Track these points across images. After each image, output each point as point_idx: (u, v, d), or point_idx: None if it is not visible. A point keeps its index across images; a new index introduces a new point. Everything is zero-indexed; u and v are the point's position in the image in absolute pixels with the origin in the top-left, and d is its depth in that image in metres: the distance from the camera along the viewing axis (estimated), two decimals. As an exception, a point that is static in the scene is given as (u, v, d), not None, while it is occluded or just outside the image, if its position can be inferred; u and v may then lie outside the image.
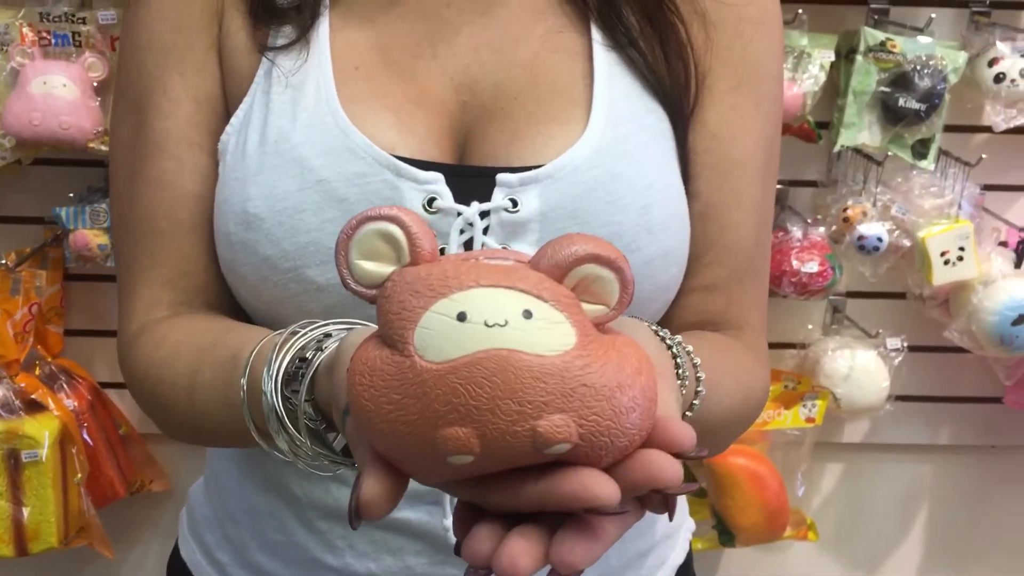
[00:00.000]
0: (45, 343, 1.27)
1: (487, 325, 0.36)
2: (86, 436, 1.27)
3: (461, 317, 0.36)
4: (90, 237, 1.20)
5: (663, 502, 0.39)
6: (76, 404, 1.26)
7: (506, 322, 0.36)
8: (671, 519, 0.39)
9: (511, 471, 0.37)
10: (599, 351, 0.37)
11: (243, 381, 0.52)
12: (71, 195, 1.24)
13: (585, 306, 0.38)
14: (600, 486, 0.36)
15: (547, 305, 0.37)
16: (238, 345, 0.56)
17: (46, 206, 1.24)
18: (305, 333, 0.50)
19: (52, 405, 1.23)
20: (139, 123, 0.67)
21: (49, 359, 1.27)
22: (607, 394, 0.36)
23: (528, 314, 0.36)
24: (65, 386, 1.27)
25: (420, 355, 0.36)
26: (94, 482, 1.28)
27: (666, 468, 0.37)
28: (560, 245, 0.38)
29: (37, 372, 1.26)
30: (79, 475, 1.24)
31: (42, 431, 1.20)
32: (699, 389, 0.53)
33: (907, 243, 1.29)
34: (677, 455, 0.38)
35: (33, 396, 1.22)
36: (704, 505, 1.38)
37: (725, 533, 1.38)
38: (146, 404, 0.67)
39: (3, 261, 1.24)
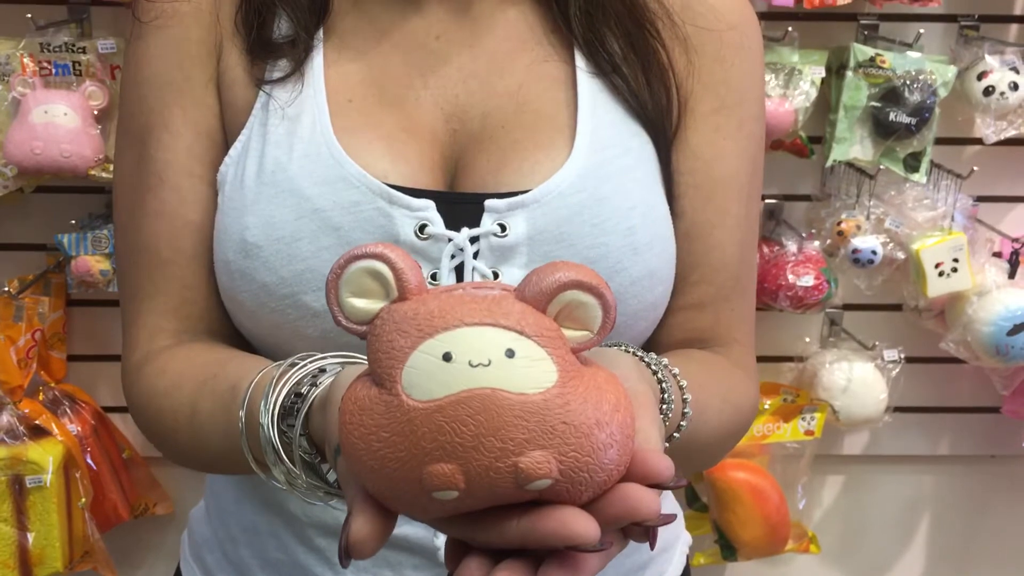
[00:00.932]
0: (48, 369, 1.28)
1: (471, 365, 0.37)
2: (90, 460, 1.28)
3: (447, 357, 0.37)
4: (92, 263, 1.21)
5: (644, 532, 0.40)
6: (79, 429, 1.27)
7: (489, 362, 0.37)
8: (652, 548, 0.40)
9: (495, 509, 0.39)
10: (579, 388, 0.38)
11: (241, 413, 0.53)
12: (72, 222, 1.25)
13: (569, 332, 0.40)
14: (580, 524, 0.37)
15: (529, 341, 0.38)
16: (237, 377, 0.57)
17: (48, 233, 1.25)
18: (301, 367, 0.51)
19: (56, 430, 1.24)
20: (141, 155, 0.68)
21: (52, 384, 1.28)
22: (586, 431, 0.37)
23: (511, 353, 0.37)
24: (68, 411, 1.28)
25: (407, 394, 0.37)
26: (98, 506, 1.28)
27: (644, 501, 0.38)
28: (544, 273, 0.40)
29: (40, 398, 1.27)
30: (83, 499, 1.24)
31: (46, 456, 1.21)
32: (686, 411, 0.54)
33: (901, 255, 1.30)
34: (656, 486, 0.39)
35: (37, 422, 1.23)
36: (705, 519, 1.39)
37: (727, 547, 1.38)
38: (149, 432, 0.68)
39: (6, 288, 1.25)
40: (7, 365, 1.21)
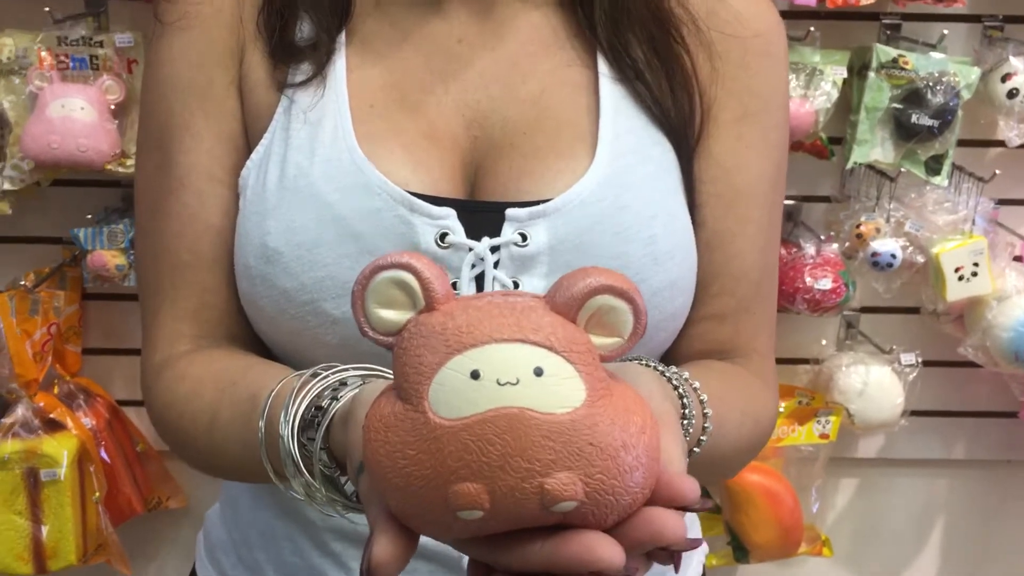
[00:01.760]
0: (63, 362, 1.29)
1: (499, 383, 0.36)
2: (104, 454, 1.28)
3: (475, 375, 0.37)
4: (108, 257, 1.21)
5: (669, 555, 0.39)
6: (94, 422, 1.27)
7: (518, 380, 0.36)
8: (676, 570, 0.40)
9: (519, 532, 0.38)
10: (607, 409, 0.38)
11: (261, 424, 0.53)
12: (89, 216, 1.25)
13: (599, 339, 0.39)
14: (604, 549, 0.36)
15: (559, 358, 0.37)
16: (257, 386, 0.57)
17: (64, 227, 1.25)
18: (322, 378, 0.51)
19: (70, 424, 1.24)
20: (162, 159, 0.68)
21: (67, 378, 1.29)
22: (612, 453, 0.37)
23: (539, 371, 0.37)
24: (83, 404, 1.28)
25: (434, 411, 0.37)
26: (112, 499, 1.29)
27: (669, 525, 0.38)
28: (574, 279, 0.39)
29: (56, 391, 1.27)
30: (97, 493, 1.25)
31: (61, 450, 1.21)
32: (706, 425, 0.54)
33: (921, 259, 1.29)
34: (683, 508, 0.39)
35: (52, 415, 1.23)
36: (718, 521, 1.38)
37: (739, 549, 1.38)
38: (168, 438, 0.68)
39: (22, 282, 1.25)
40: (23, 358, 1.21)
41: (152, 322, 0.69)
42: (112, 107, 1.18)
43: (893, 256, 1.27)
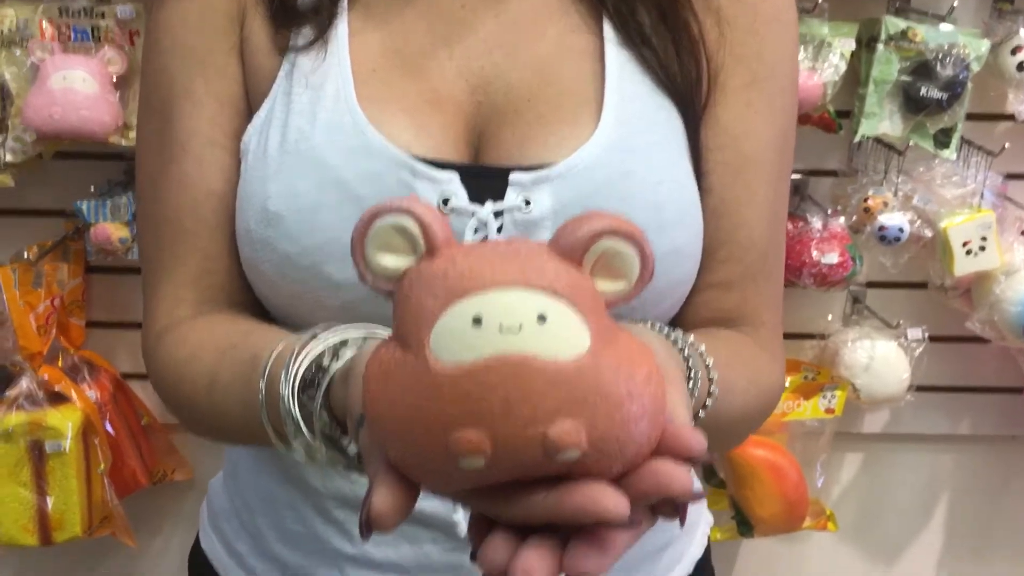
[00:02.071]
0: (67, 335, 1.29)
1: (502, 330, 0.36)
2: (108, 427, 1.28)
3: (476, 321, 0.36)
4: (111, 230, 1.21)
5: (675, 509, 0.39)
6: (98, 395, 1.28)
7: (520, 326, 0.36)
8: (682, 525, 0.39)
9: (521, 484, 0.38)
10: (611, 357, 0.37)
11: (262, 384, 0.53)
12: (92, 189, 1.25)
13: (605, 285, 0.39)
14: (609, 499, 0.36)
15: (563, 304, 0.37)
16: (257, 347, 0.57)
17: (67, 200, 1.25)
18: (323, 338, 0.50)
19: (75, 396, 1.24)
20: (163, 125, 0.68)
21: (71, 351, 1.29)
22: (617, 402, 0.36)
23: (543, 317, 0.36)
24: (88, 377, 1.28)
25: (435, 358, 0.36)
26: (117, 472, 1.29)
27: (676, 477, 0.37)
28: (579, 223, 0.38)
29: (60, 364, 1.27)
30: (102, 465, 1.25)
31: (65, 422, 1.21)
32: (712, 390, 0.53)
33: (928, 233, 1.28)
34: (688, 461, 0.38)
35: (56, 388, 1.24)
36: (723, 496, 1.38)
37: (744, 524, 1.38)
38: (169, 402, 0.68)
39: (25, 255, 1.25)
40: (27, 331, 1.21)
41: (153, 289, 0.68)
42: (114, 79, 1.17)
43: (900, 230, 1.26)
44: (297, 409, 0.49)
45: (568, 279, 0.37)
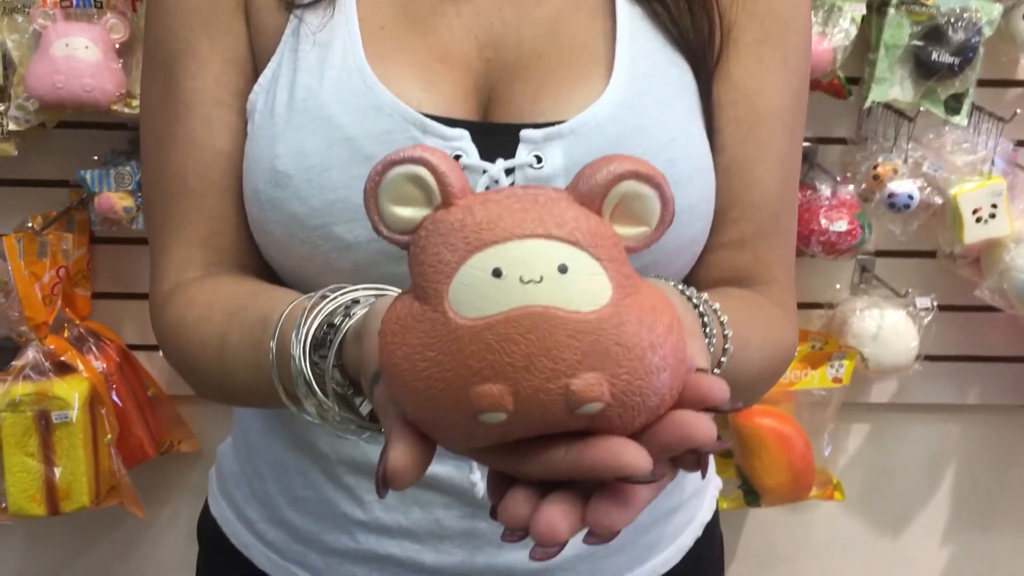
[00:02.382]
0: (73, 306, 1.28)
1: (523, 281, 0.35)
2: (115, 397, 1.28)
3: (496, 273, 0.35)
4: (115, 200, 1.20)
5: (696, 461, 0.39)
6: (105, 366, 1.27)
7: (541, 278, 0.35)
8: (703, 477, 0.39)
9: (541, 439, 0.37)
10: (633, 307, 0.36)
11: (272, 344, 0.52)
12: (95, 158, 1.24)
13: (625, 230, 0.38)
14: (631, 454, 0.35)
15: (583, 254, 0.36)
16: (267, 308, 0.56)
17: (71, 169, 1.24)
18: (333, 298, 0.50)
19: (81, 367, 1.24)
20: (168, 85, 0.67)
21: (77, 322, 1.28)
22: (639, 353, 0.36)
23: (564, 268, 0.35)
24: (94, 348, 1.28)
25: (455, 311, 0.36)
26: (124, 443, 1.29)
27: (699, 427, 0.36)
28: (597, 166, 0.38)
29: (66, 334, 1.26)
30: (109, 435, 1.25)
31: (72, 392, 1.21)
32: (727, 347, 0.53)
33: (938, 200, 1.27)
34: (712, 410, 0.38)
35: (62, 358, 1.23)
36: (730, 465, 1.38)
37: (751, 493, 1.38)
38: (177, 364, 0.67)
39: (29, 224, 1.24)
40: (32, 301, 1.21)
41: (161, 251, 0.68)
42: (117, 46, 1.16)
43: (910, 197, 1.25)
44: (309, 369, 0.49)
45: (589, 227, 0.37)
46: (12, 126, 1.18)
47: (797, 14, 0.68)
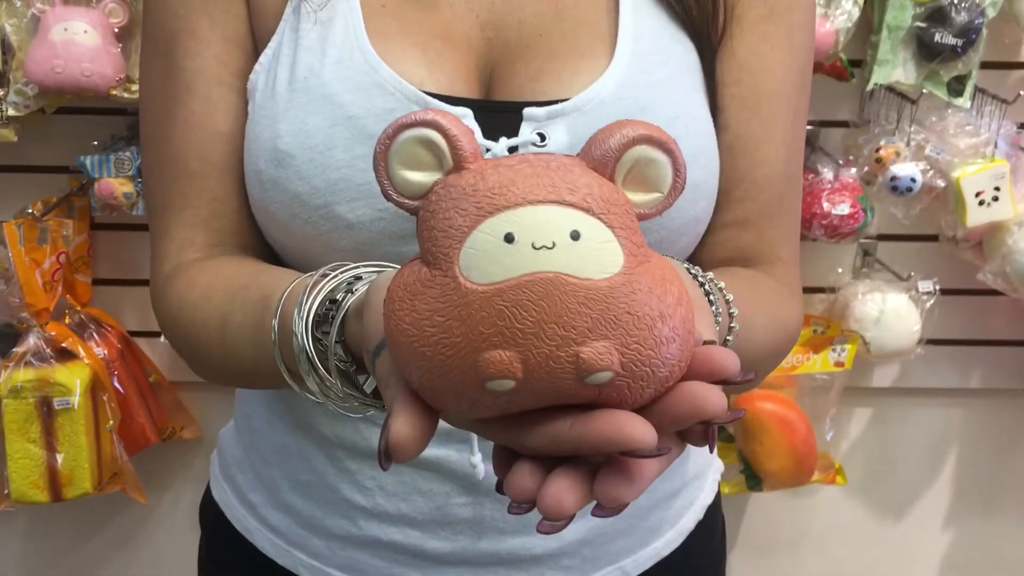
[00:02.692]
0: (74, 292, 1.28)
1: (535, 248, 0.35)
2: (117, 384, 1.28)
3: (508, 238, 0.35)
4: (115, 185, 1.20)
5: (704, 434, 0.38)
6: (106, 352, 1.27)
7: (553, 244, 0.35)
8: (712, 450, 0.38)
9: (546, 413, 0.37)
10: (643, 277, 0.36)
11: (274, 322, 0.52)
12: (95, 144, 1.24)
13: (638, 196, 0.38)
14: (637, 428, 0.35)
15: (595, 221, 0.36)
16: (269, 287, 0.56)
17: (71, 155, 1.24)
18: (336, 275, 0.50)
19: (82, 353, 1.24)
20: (168, 66, 0.66)
21: (78, 308, 1.28)
22: (649, 323, 0.35)
23: (576, 235, 0.35)
24: (95, 334, 1.28)
25: (465, 276, 0.35)
26: (126, 429, 1.29)
27: (710, 399, 0.36)
28: (609, 131, 0.37)
29: (67, 321, 1.26)
30: (111, 422, 1.25)
31: (73, 379, 1.21)
32: (732, 325, 0.53)
33: (941, 183, 1.26)
34: (723, 382, 0.38)
35: (63, 344, 1.23)
36: (732, 449, 1.38)
37: (753, 477, 1.38)
38: (179, 345, 0.67)
39: (30, 210, 1.24)
40: (33, 287, 1.21)
41: (161, 232, 0.67)
42: (115, 30, 1.16)
43: (913, 180, 1.24)
44: (311, 345, 0.49)
45: (601, 193, 0.36)
46: (11, 111, 1.17)
47: None
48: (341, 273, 0.50)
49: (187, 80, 0.65)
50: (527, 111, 0.61)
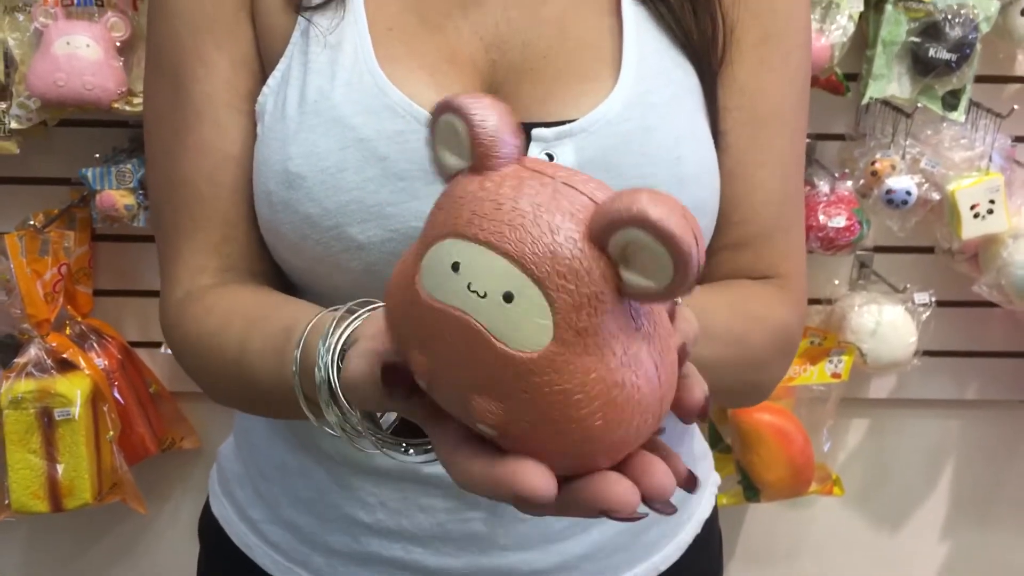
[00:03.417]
0: (75, 303, 1.28)
1: (469, 288, 0.35)
2: (117, 394, 1.28)
3: (454, 267, 0.35)
4: (116, 197, 1.20)
5: (667, 505, 0.38)
6: (107, 363, 1.28)
7: (485, 295, 0.35)
8: (693, 492, 0.39)
9: (471, 439, 0.39)
10: (562, 369, 0.34)
11: (297, 353, 0.52)
12: (97, 156, 1.24)
13: (633, 277, 0.34)
14: (530, 479, 0.35)
15: (537, 291, 0.34)
16: (291, 319, 0.56)
17: (72, 168, 1.24)
18: (363, 312, 0.50)
19: (83, 364, 1.24)
20: (175, 91, 0.67)
21: (79, 319, 1.29)
22: (548, 415, 0.35)
23: (508, 297, 0.34)
24: (95, 345, 1.28)
25: (421, 279, 0.37)
26: (126, 439, 1.29)
27: (613, 497, 0.36)
28: (618, 200, 0.33)
29: (68, 332, 1.27)
30: (111, 432, 1.26)
31: (74, 389, 1.22)
32: None
33: (936, 196, 1.27)
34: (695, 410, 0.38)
35: (64, 355, 1.24)
36: (729, 460, 1.39)
37: (750, 488, 1.38)
38: (195, 372, 0.67)
39: (31, 222, 1.25)
40: (34, 298, 1.21)
41: (173, 257, 0.68)
42: (118, 44, 1.16)
43: (908, 193, 1.25)
44: (335, 377, 0.48)
45: (569, 265, 0.34)
46: (14, 124, 1.18)
47: (797, 13, 0.68)
48: (370, 310, 0.50)
49: (196, 105, 0.66)
50: (536, 132, 0.62)
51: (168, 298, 0.68)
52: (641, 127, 0.62)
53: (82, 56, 1.14)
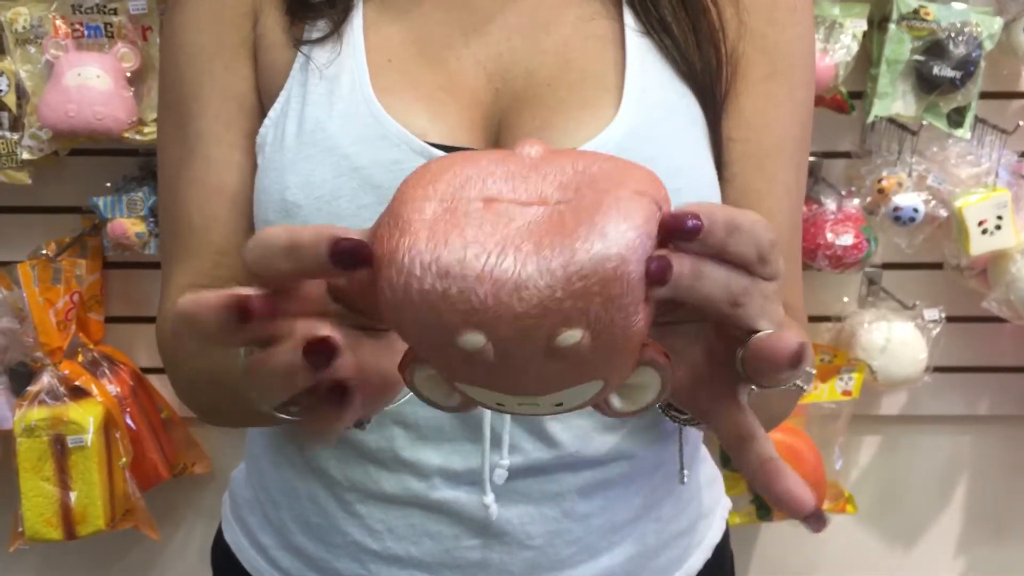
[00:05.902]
0: (87, 330, 1.30)
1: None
2: (129, 421, 1.29)
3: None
4: (127, 225, 1.22)
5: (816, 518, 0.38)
6: (118, 390, 1.29)
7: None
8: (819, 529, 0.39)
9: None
10: None
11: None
12: (108, 185, 1.26)
13: (616, 400, 0.37)
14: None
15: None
16: None
17: (84, 196, 1.26)
18: None
19: (95, 391, 1.25)
20: (178, 126, 0.69)
21: (91, 346, 1.30)
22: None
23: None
24: (107, 372, 1.29)
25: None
26: (138, 465, 1.30)
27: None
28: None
29: (80, 359, 1.28)
30: (124, 459, 1.26)
31: (86, 416, 1.22)
32: None
33: (944, 213, 1.27)
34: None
35: (77, 383, 1.25)
36: (741, 480, 1.38)
37: (762, 507, 1.38)
38: (185, 394, 0.68)
39: (44, 251, 1.26)
40: (47, 327, 1.22)
41: (167, 282, 0.70)
42: (128, 75, 1.18)
43: (915, 210, 1.25)
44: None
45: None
46: (26, 155, 1.20)
47: (803, 49, 0.69)
48: None
49: (191, 142, 0.68)
50: None
51: (163, 320, 0.70)
52: (641, 158, 0.61)
53: (93, 87, 1.15)
